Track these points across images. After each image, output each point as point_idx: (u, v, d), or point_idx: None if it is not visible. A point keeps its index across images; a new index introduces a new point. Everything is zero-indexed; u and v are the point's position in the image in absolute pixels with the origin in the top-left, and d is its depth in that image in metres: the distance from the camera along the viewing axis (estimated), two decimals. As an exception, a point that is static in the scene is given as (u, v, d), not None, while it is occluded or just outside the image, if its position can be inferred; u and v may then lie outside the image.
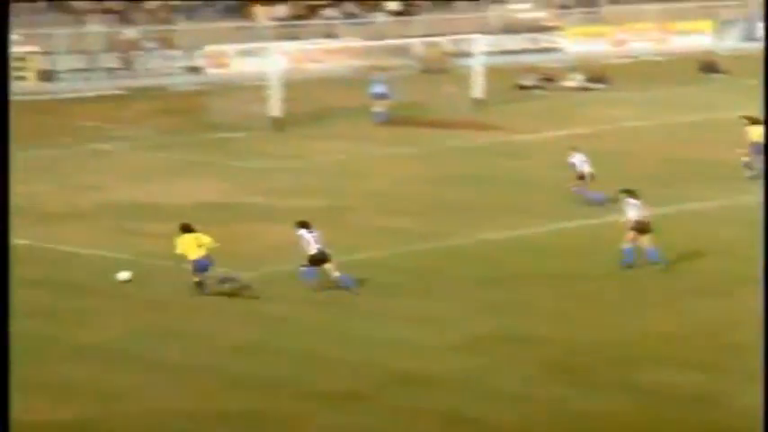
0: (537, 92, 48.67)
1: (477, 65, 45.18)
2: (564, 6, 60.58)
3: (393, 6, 58.27)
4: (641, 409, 18.21)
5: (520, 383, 19.20)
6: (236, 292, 23.00)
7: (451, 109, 43.44)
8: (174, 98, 47.39)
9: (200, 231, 23.33)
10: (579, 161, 30.41)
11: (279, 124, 41.04)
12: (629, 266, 24.62)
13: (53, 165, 35.65)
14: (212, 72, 51.60)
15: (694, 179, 33.05)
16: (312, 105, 43.11)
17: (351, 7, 57.83)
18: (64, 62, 49.23)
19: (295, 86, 43.09)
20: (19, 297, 22.79)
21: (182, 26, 52.34)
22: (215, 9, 55.51)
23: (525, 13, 60.25)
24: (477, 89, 44.60)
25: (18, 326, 21.15)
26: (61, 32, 49.19)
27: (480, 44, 46.24)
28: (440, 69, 51.99)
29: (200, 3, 55.47)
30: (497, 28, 57.25)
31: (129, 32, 51.64)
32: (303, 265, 23.49)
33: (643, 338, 21.08)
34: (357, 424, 17.86)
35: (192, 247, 22.98)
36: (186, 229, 23.30)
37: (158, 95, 47.66)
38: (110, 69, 50.15)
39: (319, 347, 20.81)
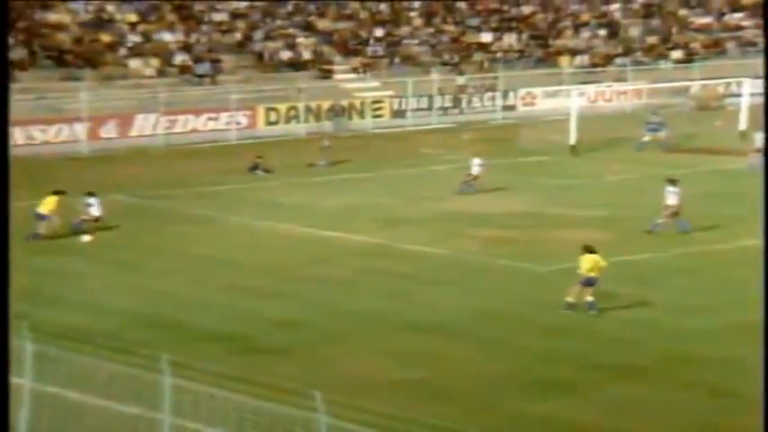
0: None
1: (743, 103, 43.49)
2: (821, 52, 57.41)
3: (676, 55, 56.83)
4: None
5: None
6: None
7: (720, 140, 42.04)
8: (494, 130, 47.86)
9: (594, 255, 21.80)
10: (476, 164, 33.18)
11: (575, 150, 40.82)
12: None
13: (402, 181, 36.72)
14: (524, 109, 51.80)
15: None
16: (603, 135, 42.62)
17: (640, 56, 56.77)
18: (411, 103, 50.58)
19: (589, 120, 42.77)
20: (367, 283, 24.07)
21: (502, 74, 52.77)
22: (528, 60, 55.71)
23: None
24: (743, 123, 42.89)
25: (366, 305, 22.38)
26: (409, 80, 50.57)
27: (747, 86, 44.54)
28: (711, 107, 50.36)
29: (517, 55, 55.77)
30: (764, 73, 54.77)
31: (460, 79, 52.51)
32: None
33: None
34: (636, 392, 17.61)
35: (589, 265, 21.68)
36: (589, 250, 21.97)
37: (481, 128, 48.26)
38: (444, 108, 51.14)
39: (602, 328, 20.68)
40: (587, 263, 21.65)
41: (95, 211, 27.69)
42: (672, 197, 27.49)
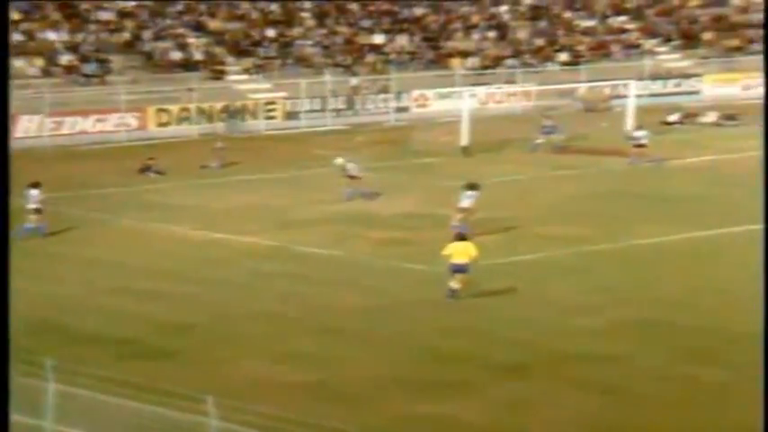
0: (679, 127, 47.57)
1: (629, 105, 44.44)
2: (704, 57, 59.05)
3: (563, 57, 57.76)
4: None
5: (658, 362, 18.81)
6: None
7: (606, 140, 42.89)
8: (387, 132, 47.98)
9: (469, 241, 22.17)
10: (351, 168, 32.90)
11: (467, 152, 41.14)
12: None
13: (295, 183, 36.53)
14: (417, 111, 52.06)
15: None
16: (494, 137, 43.07)
17: (528, 58, 57.54)
18: (305, 104, 50.38)
19: (481, 122, 43.18)
20: (261, 285, 23.82)
21: (394, 75, 52.94)
22: (421, 61, 55.99)
23: (672, 63, 58.93)
24: (629, 124, 43.83)
25: (260, 307, 22.13)
26: (302, 81, 50.37)
27: (633, 88, 45.53)
28: (599, 109, 51.38)
29: (409, 57, 56.01)
30: (647, 75, 56.15)
31: (354, 81, 52.51)
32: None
33: None
34: (525, 391, 17.76)
35: (459, 252, 21.93)
36: (461, 238, 22.13)
37: (375, 130, 48.33)
38: (337, 109, 51.07)
39: (492, 327, 20.81)
40: (454, 249, 21.91)
41: None
42: (467, 200, 27.46)
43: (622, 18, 62.07)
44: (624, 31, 61.13)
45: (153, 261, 25.72)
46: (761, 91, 56.31)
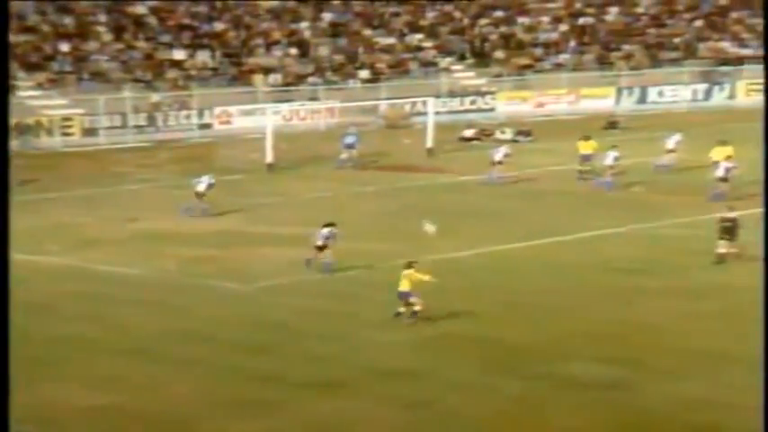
0: (475, 143, 48.86)
1: (429, 122, 45.42)
2: (498, 75, 60.93)
3: (364, 74, 58.47)
4: (560, 395, 18.26)
5: (462, 375, 19.20)
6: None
7: (408, 157, 43.71)
8: (190, 148, 47.33)
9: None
10: (204, 183, 32.40)
11: (272, 168, 41.06)
12: None
13: (94, 201, 35.51)
14: (220, 127, 51.59)
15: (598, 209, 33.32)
16: (298, 154, 43.17)
17: (330, 75, 57.98)
18: (104, 121, 49.08)
19: (286, 139, 43.19)
20: (61, 307, 23.01)
21: (196, 92, 52.30)
22: (223, 78, 55.55)
23: (467, 80, 60.59)
24: (429, 141, 44.80)
25: (61, 330, 21.35)
26: (100, 98, 49.07)
27: (431, 105, 46.56)
28: (400, 125, 52.36)
29: (211, 73, 55.49)
30: (445, 92, 57.53)
31: (155, 97, 51.56)
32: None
33: (569, 337, 21.14)
34: (337, 409, 17.79)
35: (408, 280, 21.67)
36: (408, 265, 21.85)
37: (177, 146, 47.59)
38: (139, 126, 50.02)
39: (302, 345, 20.79)
40: (404, 278, 21.71)
41: None
42: (321, 238, 26.92)
43: (419, 36, 63.35)
44: (421, 48, 62.41)
45: (-56, 285, 24.35)
46: (553, 108, 58.85)
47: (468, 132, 49.84)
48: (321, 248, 25.63)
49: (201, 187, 32.72)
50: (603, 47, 63.92)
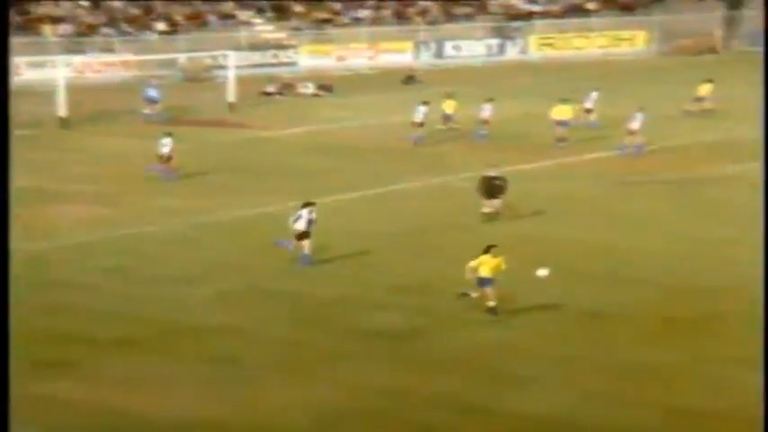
0: (278, 97, 48.82)
1: (230, 76, 45.01)
2: (297, 28, 60.83)
3: (160, 26, 57.20)
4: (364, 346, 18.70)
5: (268, 330, 19.35)
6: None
7: (210, 111, 43.24)
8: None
9: None
10: (166, 145, 30.90)
11: (66, 123, 39.80)
12: None
13: None
14: (8, 80, 49.42)
15: (400, 163, 33.94)
16: (93, 108, 41.98)
17: (125, 26, 56.43)
18: None
19: (79, 92, 41.90)
20: None
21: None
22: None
23: (268, 33, 60.23)
24: (231, 95, 44.43)
25: None
26: None
27: (232, 59, 46.13)
28: (200, 79, 51.65)
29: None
30: (246, 45, 57.04)
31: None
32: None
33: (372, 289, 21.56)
34: (139, 364, 17.66)
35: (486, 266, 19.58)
36: (487, 250, 19.64)
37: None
38: None
39: (101, 304, 20.47)
40: (479, 262, 19.67)
41: None
42: (301, 222, 23.37)
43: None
44: (219, 0, 61.52)
45: None
46: (353, 63, 59.30)
47: (271, 87, 49.71)
48: (302, 236, 22.53)
49: (166, 150, 30.95)
50: (401, 1, 64.76)
